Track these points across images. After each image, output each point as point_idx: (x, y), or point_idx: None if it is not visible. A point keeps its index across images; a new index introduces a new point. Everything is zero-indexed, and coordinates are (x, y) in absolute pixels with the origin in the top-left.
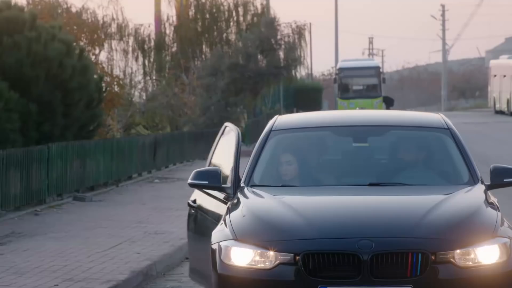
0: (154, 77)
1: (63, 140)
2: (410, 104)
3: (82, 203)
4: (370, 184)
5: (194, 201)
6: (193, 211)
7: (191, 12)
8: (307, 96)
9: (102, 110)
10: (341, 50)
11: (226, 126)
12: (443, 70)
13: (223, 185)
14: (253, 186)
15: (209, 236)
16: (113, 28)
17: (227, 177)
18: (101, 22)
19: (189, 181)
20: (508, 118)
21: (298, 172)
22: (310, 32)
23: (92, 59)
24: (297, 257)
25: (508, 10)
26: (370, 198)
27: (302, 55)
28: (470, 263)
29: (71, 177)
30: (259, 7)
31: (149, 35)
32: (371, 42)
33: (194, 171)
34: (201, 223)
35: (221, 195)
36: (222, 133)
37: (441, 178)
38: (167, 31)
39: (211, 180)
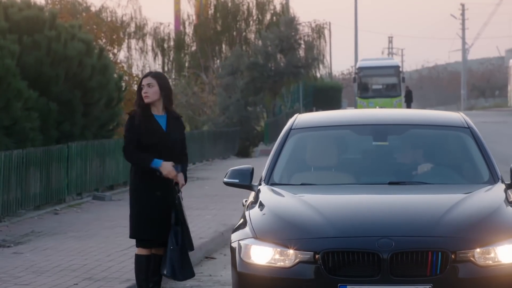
0: (173, 76)
1: (83, 139)
2: (429, 103)
3: (102, 202)
4: (390, 183)
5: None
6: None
7: (211, 11)
8: (326, 95)
9: (122, 109)
10: (360, 49)
11: None
12: (463, 69)
13: (253, 184)
14: (273, 184)
15: None
16: (132, 27)
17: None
18: (120, 21)
19: (224, 179)
20: None
21: (318, 171)
22: (329, 31)
23: (111, 58)
24: (317, 256)
25: None
26: (390, 196)
27: (322, 54)
28: (490, 262)
29: (91, 176)
30: (278, 6)
31: (168, 34)
32: (390, 41)
33: (229, 170)
34: None
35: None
36: None
37: (461, 177)
38: (187, 30)
39: (242, 179)
